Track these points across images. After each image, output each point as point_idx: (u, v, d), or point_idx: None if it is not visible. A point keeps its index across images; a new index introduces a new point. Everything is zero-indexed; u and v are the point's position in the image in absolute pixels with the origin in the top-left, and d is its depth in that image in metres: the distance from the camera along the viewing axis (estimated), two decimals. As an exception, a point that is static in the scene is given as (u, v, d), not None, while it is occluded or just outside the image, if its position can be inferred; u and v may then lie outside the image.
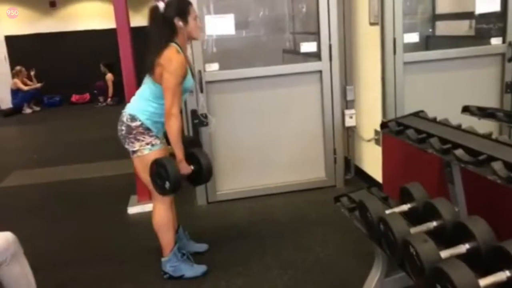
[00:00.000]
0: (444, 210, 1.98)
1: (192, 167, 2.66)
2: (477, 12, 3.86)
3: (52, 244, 3.49)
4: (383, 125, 2.67)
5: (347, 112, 4.09)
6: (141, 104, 2.64)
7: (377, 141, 3.81)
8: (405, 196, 2.26)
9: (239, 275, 2.79)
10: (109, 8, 4.69)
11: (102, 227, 3.72)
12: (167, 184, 2.51)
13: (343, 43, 4.00)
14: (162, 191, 2.61)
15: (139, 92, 2.72)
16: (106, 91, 10.66)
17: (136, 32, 3.84)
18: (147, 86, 2.65)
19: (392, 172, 3.45)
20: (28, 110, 10.48)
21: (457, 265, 1.58)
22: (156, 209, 2.77)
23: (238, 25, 3.81)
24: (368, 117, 3.98)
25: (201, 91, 3.65)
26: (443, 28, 4.52)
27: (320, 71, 3.88)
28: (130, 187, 4.30)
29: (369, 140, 3.96)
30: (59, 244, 3.48)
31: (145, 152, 2.63)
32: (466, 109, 2.82)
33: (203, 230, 3.44)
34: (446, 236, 1.91)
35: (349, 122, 4.12)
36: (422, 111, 2.69)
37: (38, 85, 10.60)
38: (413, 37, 3.86)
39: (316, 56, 3.94)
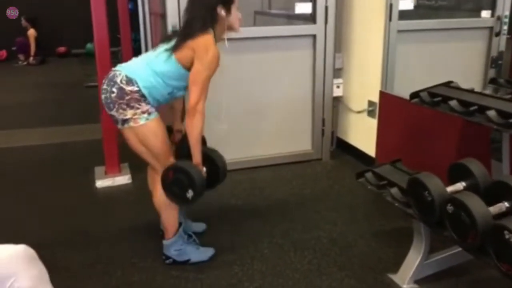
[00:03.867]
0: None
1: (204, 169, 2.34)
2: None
3: (20, 222, 2.93)
4: (413, 95, 2.46)
5: (334, 81, 3.85)
6: (143, 72, 2.21)
7: (370, 113, 3.63)
8: (459, 173, 2.08)
9: (253, 258, 2.48)
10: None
11: (72, 204, 3.19)
12: (190, 193, 2.20)
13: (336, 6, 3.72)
14: (181, 201, 2.30)
15: (145, 58, 2.30)
16: (27, 49, 9.54)
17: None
18: (162, 59, 2.23)
19: (394, 145, 3.29)
20: None
21: None
22: (158, 186, 2.36)
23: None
24: (359, 87, 3.78)
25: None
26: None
27: (314, 35, 3.59)
28: (89, 158, 3.82)
29: (359, 112, 3.76)
30: (28, 221, 2.93)
31: (141, 122, 2.21)
32: (493, 81, 2.70)
33: (193, 206, 3.07)
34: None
35: (336, 92, 3.88)
36: (452, 82, 2.51)
37: None
38: (407, 4, 3.71)
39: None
